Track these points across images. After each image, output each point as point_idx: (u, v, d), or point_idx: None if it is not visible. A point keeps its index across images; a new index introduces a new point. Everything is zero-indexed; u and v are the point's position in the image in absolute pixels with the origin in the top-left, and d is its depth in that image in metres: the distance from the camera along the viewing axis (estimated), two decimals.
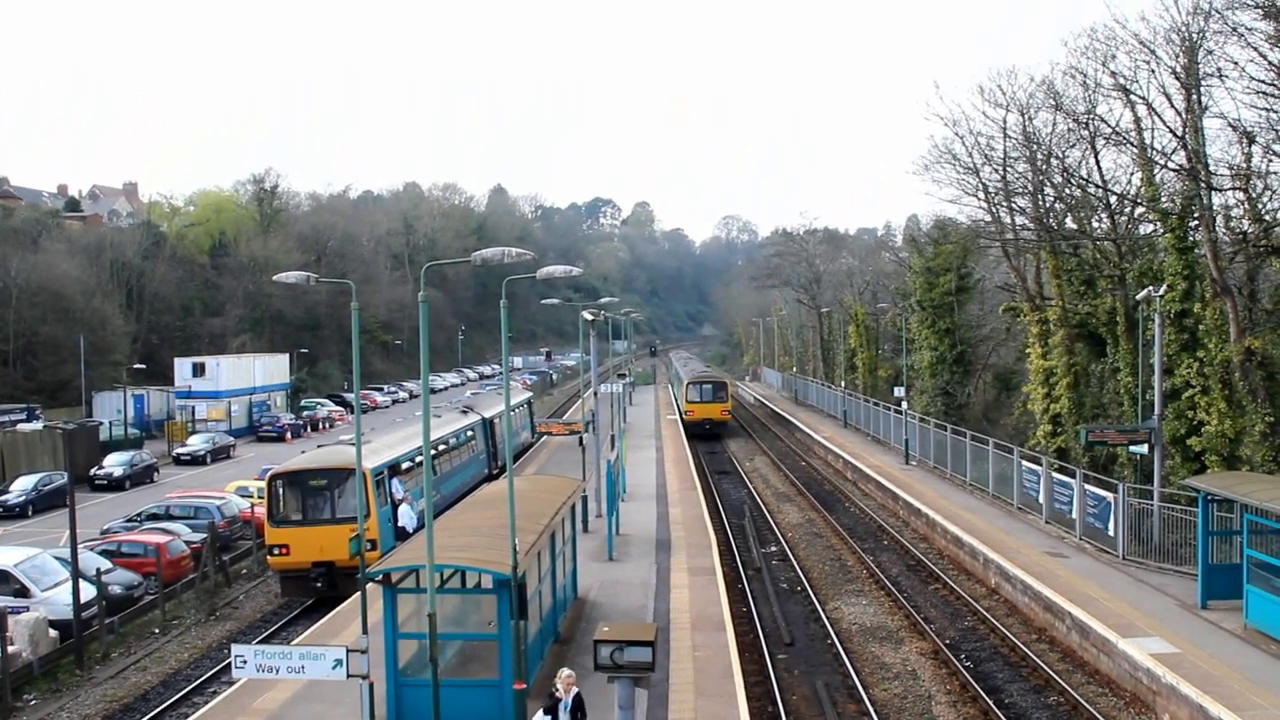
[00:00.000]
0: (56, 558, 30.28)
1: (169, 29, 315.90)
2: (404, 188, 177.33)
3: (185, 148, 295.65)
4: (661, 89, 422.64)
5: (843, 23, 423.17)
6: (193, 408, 74.85)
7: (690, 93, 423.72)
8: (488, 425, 49.83)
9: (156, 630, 29.70)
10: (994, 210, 49.71)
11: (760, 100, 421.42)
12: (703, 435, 71.90)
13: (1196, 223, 34.56)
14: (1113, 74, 37.88)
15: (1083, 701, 21.90)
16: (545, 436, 59.55)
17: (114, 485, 53.40)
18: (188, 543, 35.07)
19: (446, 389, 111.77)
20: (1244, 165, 34.13)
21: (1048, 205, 45.75)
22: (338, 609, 27.91)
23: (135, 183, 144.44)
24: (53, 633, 26.53)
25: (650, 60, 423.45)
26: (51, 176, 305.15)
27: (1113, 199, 42.43)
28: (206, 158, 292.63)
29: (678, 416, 79.93)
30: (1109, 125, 40.35)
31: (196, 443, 65.29)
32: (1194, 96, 34.33)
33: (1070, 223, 45.64)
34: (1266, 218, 34.74)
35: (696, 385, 75.57)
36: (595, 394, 44.44)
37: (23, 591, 28.09)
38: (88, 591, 27.60)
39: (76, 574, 26.78)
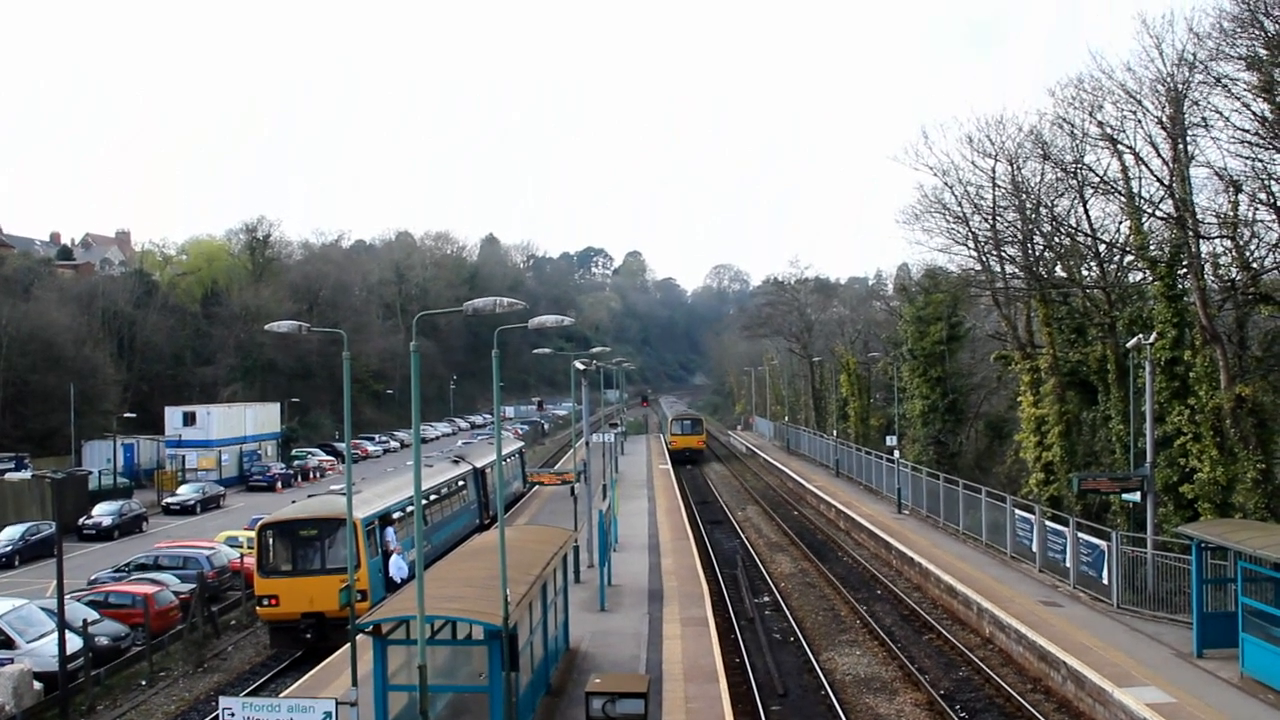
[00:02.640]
0: (43, 608, 29.98)
1: (162, 73, 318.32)
2: (396, 237, 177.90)
3: (178, 194, 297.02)
4: (653, 138, 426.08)
5: (833, 72, 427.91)
6: (183, 457, 74.52)
7: (682, 142, 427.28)
8: (479, 475, 49.64)
9: (143, 682, 29.36)
10: (984, 259, 49.98)
11: (751, 150, 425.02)
12: (684, 461, 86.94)
13: (1185, 270, 34.79)
14: (1100, 124, 38.35)
15: None
16: (537, 486, 59.33)
17: (102, 535, 52.98)
18: (176, 593, 34.77)
19: (438, 438, 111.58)
20: (1231, 214, 34.45)
21: (1037, 254, 46.03)
22: (327, 660, 27.64)
23: (128, 231, 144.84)
24: (38, 685, 26.21)
25: (642, 109, 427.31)
26: (44, 224, 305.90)
27: (1102, 247, 42.73)
28: (199, 204, 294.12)
29: (666, 456, 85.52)
30: (1097, 174, 40.78)
31: (186, 492, 64.92)
32: (1180, 146, 34.70)
33: (1060, 271, 45.90)
34: (1254, 265, 35.03)
35: (679, 421, 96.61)
36: (587, 443, 44.39)
37: (8, 643, 27.80)
38: (74, 643, 27.30)
39: (63, 625, 26.48)
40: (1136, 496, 32.63)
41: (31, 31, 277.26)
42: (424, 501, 32.91)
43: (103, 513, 54.72)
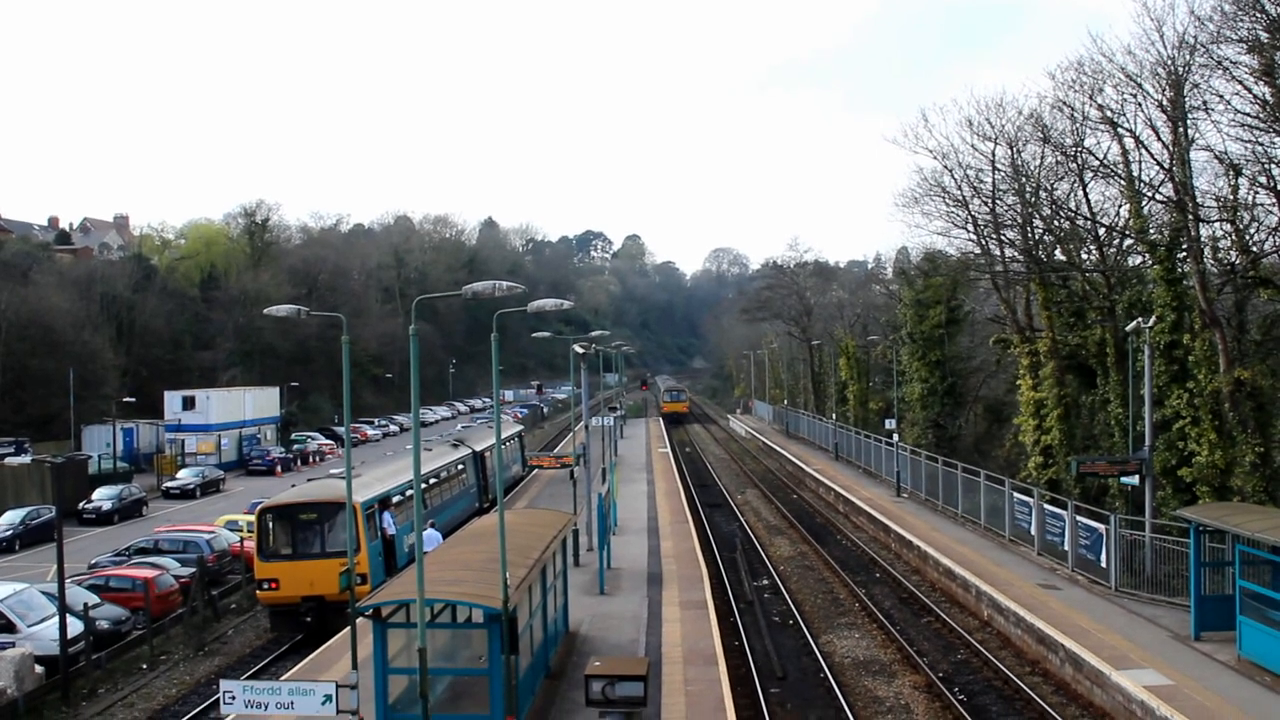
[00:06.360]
0: (43, 592, 30.04)
1: (160, 57, 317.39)
2: (395, 221, 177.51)
3: (176, 178, 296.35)
4: (652, 121, 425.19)
5: (831, 54, 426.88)
6: (182, 441, 74.56)
7: (681, 125, 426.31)
8: (478, 459, 49.67)
9: (144, 666, 29.44)
10: (983, 242, 49.94)
11: (750, 133, 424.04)
12: (674, 421, 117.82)
13: (1185, 254, 34.79)
14: (1100, 107, 38.30)
15: None
16: (536, 470, 59.36)
17: (102, 519, 53.02)
18: (176, 577, 34.84)
19: (437, 422, 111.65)
20: (1231, 197, 34.42)
21: (1037, 237, 46.00)
22: (328, 644, 27.70)
23: (126, 215, 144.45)
24: (39, 669, 26.26)
25: (641, 92, 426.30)
26: (42, 209, 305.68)
27: (1101, 231, 42.71)
28: (198, 188, 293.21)
29: (666, 440, 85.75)
30: (1097, 158, 40.76)
31: (186, 476, 65.00)
32: (1180, 129, 34.64)
33: (1059, 255, 45.87)
34: (1254, 249, 35.01)
35: (669, 392, 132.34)
36: (586, 427, 44.40)
37: (9, 627, 27.86)
38: (75, 627, 27.37)
39: (63, 609, 26.56)
40: (1135, 480, 32.70)
41: (30, 14, 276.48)
42: (423, 485, 33.06)
43: (102, 497, 54.76)
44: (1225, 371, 32.91)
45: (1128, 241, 41.93)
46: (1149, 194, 38.22)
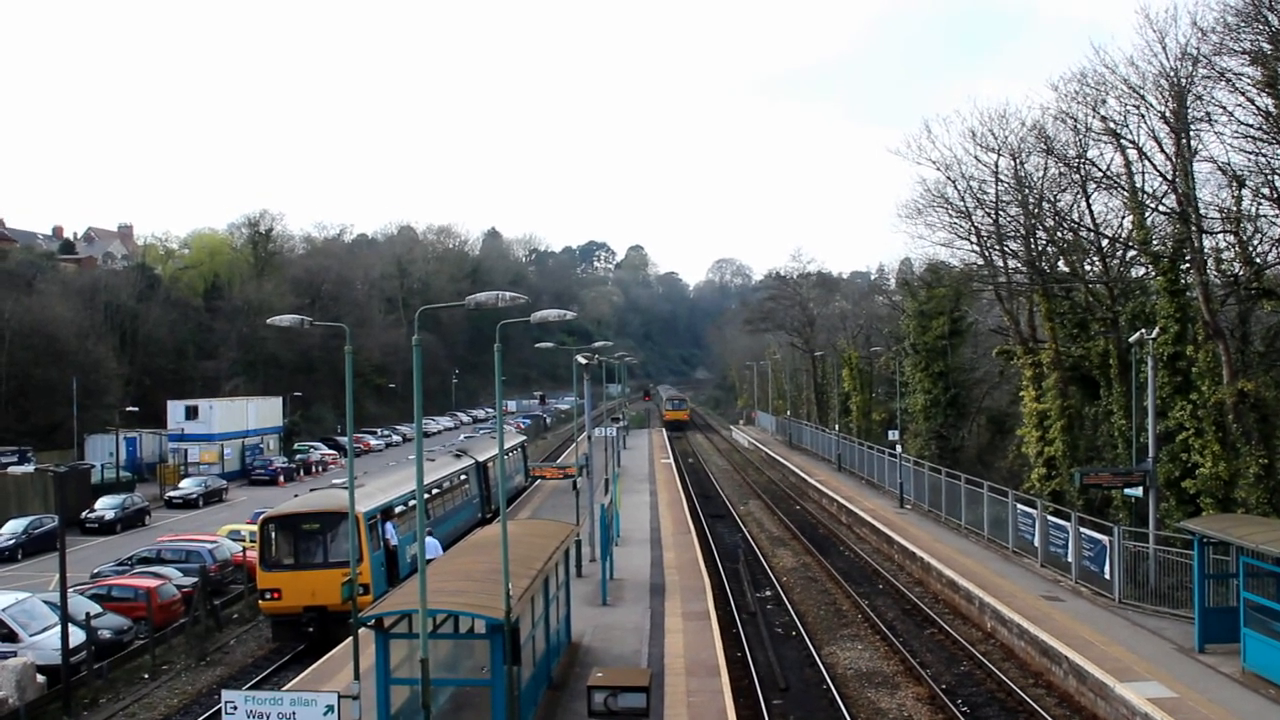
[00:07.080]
0: (46, 602, 30.02)
1: (164, 66, 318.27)
2: (398, 231, 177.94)
3: (181, 188, 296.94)
4: (656, 132, 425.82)
5: (835, 64, 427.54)
6: (185, 451, 74.66)
7: (685, 135, 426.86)
8: (481, 469, 49.67)
9: (146, 675, 29.39)
10: (986, 254, 49.91)
11: (754, 144, 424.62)
12: (676, 428, 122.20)
13: (1188, 265, 34.77)
14: (1103, 118, 38.28)
15: None
16: (539, 480, 59.32)
17: (105, 528, 53.03)
18: (179, 587, 34.80)
19: (440, 432, 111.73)
20: (1234, 208, 34.40)
21: (1040, 248, 45.97)
22: (330, 654, 27.66)
23: (130, 225, 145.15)
24: (41, 678, 26.24)
25: (645, 103, 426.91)
26: (46, 218, 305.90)
27: (1104, 242, 42.68)
28: (202, 198, 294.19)
29: (668, 450, 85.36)
30: (1100, 169, 40.71)
31: (189, 486, 65.01)
32: (1183, 141, 34.66)
33: (1062, 266, 45.83)
34: (1257, 260, 35.00)
35: (670, 401, 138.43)
36: (589, 437, 44.41)
37: (11, 636, 27.84)
38: (77, 636, 27.33)
39: (65, 618, 26.51)
40: (1139, 491, 32.61)
41: (34, 25, 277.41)
42: (426, 495, 33.01)
43: (105, 506, 54.77)
44: (1229, 383, 32.87)
45: (1131, 253, 41.93)
46: (1152, 205, 38.20)
